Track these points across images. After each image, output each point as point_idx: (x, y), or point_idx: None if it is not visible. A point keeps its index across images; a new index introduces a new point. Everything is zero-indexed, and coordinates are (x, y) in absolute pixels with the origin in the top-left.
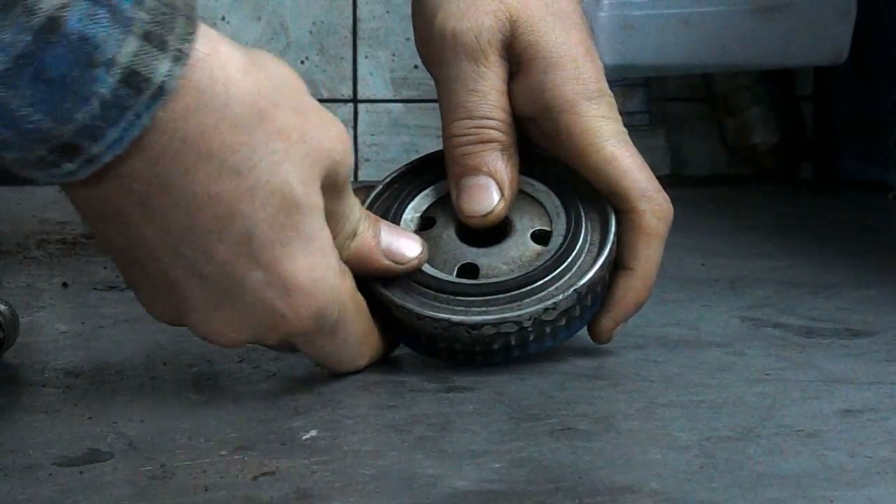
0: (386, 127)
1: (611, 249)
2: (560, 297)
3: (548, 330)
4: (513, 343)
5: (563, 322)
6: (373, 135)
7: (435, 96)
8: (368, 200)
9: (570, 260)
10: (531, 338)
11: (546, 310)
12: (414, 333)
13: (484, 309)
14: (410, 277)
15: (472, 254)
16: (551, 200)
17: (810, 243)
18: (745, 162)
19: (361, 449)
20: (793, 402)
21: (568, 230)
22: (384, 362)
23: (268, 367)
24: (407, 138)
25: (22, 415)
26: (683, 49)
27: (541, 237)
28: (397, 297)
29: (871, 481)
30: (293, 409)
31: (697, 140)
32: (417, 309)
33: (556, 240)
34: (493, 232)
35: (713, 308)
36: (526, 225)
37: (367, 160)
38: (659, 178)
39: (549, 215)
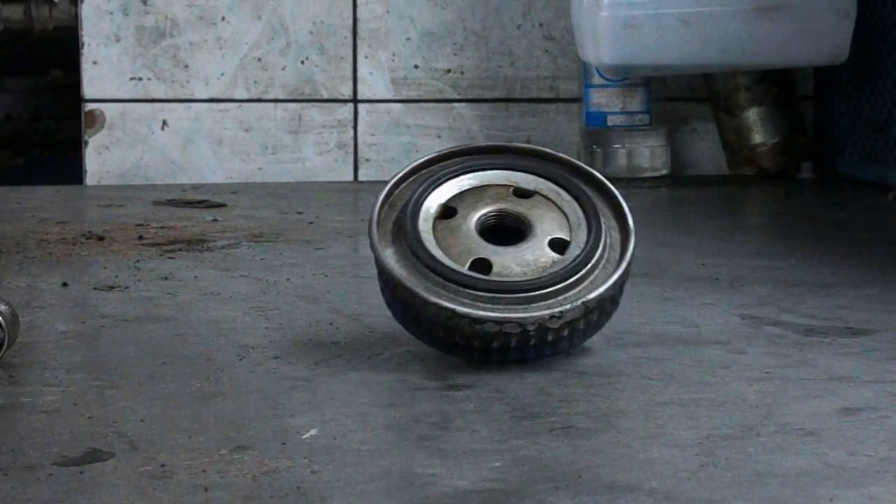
0: (386, 127)
1: (625, 270)
2: (568, 306)
3: (549, 338)
4: (512, 345)
5: (565, 333)
6: (373, 135)
7: (435, 96)
8: (391, 183)
9: (583, 273)
10: (531, 342)
11: (552, 317)
12: (416, 317)
13: (490, 305)
14: (422, 262)
15: (487, 250)
16: (575, 212)
17: (810, 243)
18: (745, 162)
19: (361, 448)
20: (793, 401)
21: (587, 244)
22: (384, 360)
23: (268, 365)
24: (407, 138)
25: (22, 415)
26: (683, 49)
27: (559, 246)
28: (405, 278)
29: (871, 480)
30: (293, 409)
31: (697, 140)
32: (423, 293)
33: (574, 251)
34: (512, 232)
35: (713, 306)
36: (546, 231)
37: (367, 160)
38: (659, 178)
39: (570, 226)
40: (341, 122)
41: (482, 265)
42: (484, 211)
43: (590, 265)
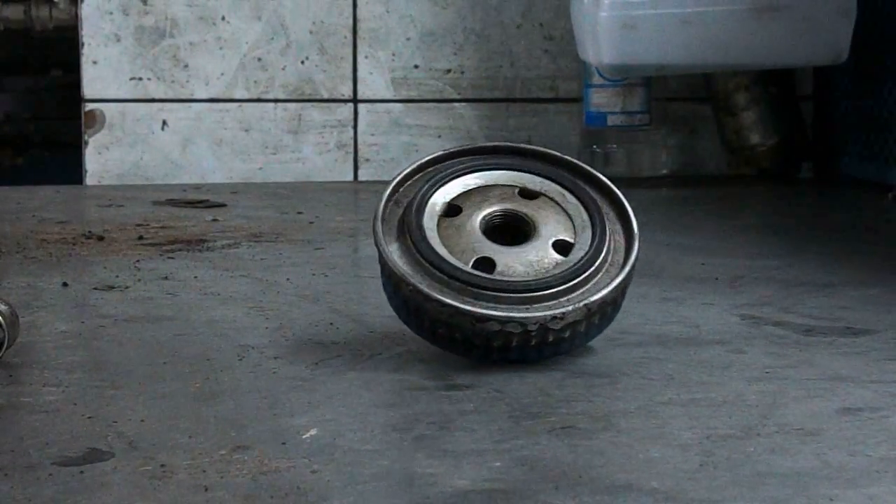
0: (386, 127)
1: (628, 274)
2: (570, 308)
3: (550, 339)
4: (513, 344)
5: (566, 334)
6: (373, 135)
7: (435, 96)
8: (396, 181)
9: (587, 275)
10: (532, 343)
11: (554, 318)
12: (418, 314)
13: (493, 304)
14: (426, 259)
15: (491, 249)
16: (580, 214)
17: (810, 243)
18: (745, 162)
19: (361, 448)
20: (793, 401)
21: (591, 247)
22: (384, 360)
23: (268, 365)
24: (407, 138)
25: (22, 415)
26: (683, 49)
27: (563, 248)
28: (408, 274)
29: (871, 480)
30: (293, 409)
31: (698, 140)
32: (426, 290)
33: (578, 253)
34: (516, 233)
35: (713, 306)
36: (550, 233)
37: (367, 160)
38: (659, 178)
39: (574, 229)
40: (341, 122)
41: (486, 264)
42: (489, 210)
43: (593, 268)
